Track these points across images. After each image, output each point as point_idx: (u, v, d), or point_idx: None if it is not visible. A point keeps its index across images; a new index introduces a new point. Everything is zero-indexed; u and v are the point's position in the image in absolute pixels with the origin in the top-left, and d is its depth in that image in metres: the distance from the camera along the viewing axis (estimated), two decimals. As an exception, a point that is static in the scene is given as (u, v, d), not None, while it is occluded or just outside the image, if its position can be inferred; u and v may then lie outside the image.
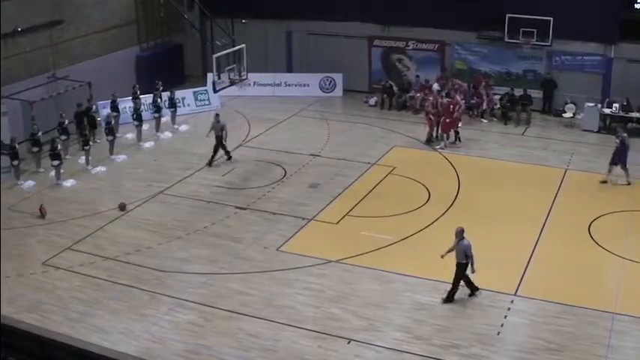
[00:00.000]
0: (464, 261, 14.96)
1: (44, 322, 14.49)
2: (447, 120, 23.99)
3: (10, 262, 16.70)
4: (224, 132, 22.67)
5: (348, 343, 13.85)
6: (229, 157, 22.97)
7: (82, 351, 12.79)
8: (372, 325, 14.39)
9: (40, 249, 17.64)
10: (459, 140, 24.12)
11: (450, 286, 15.16)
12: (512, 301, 15.10)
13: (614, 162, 20.70)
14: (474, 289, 15.36)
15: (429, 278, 15.90)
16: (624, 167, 20.75)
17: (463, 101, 25.36)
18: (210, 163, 22.61)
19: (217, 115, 23.25)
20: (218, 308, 15.04)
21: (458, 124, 24.17)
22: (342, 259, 16.82)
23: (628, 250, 16.98)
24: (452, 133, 24.20)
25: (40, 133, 22.35)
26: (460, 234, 14.98)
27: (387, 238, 17.64)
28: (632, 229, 18.10)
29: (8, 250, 17.26)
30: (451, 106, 23.91)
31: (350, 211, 19.44)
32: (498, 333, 14.11)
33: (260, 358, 13.49)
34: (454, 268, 16.14)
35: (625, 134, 21.14)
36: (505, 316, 14.61)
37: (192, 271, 16.57)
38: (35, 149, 22.25)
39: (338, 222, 18.88)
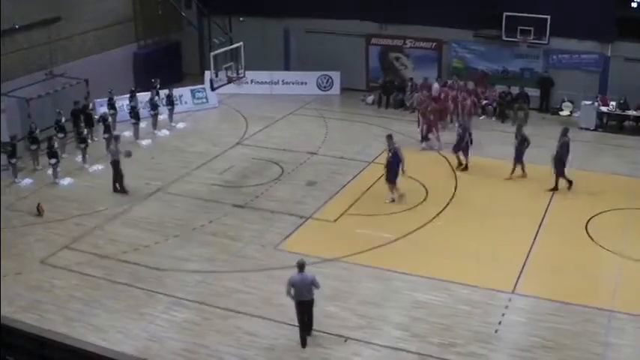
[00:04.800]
0: (309, 298, 13.30)
1: (42, 321, 14.47)
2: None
3: (8, 261, 16.65)
4: (121, 155, 20.35)
5: (345, 341, 13.85)
6: (120, 190, 20.61)
7: (80, 350, 12.81)
8: (370, 324, 14.39)
9: (38, 247, 17.61)
10: (471, 142, 22.03)
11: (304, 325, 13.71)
12: (509, 299, 15.11)
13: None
14: (304, 339, 13.62)
15: (427, 276, 15.91)
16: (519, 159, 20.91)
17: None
18: (123, 190, 20.57)
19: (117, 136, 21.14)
20: (216, 307, 15.03)
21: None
22: (340, 257, 16.82)
23: (625, 247, 17.01)
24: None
25: (37, 131, 22.33)
26: (301, 267, 13.23)
27: (385, 236, 17.64)
28: (629, 227, 18.13)
29: (6, 248, 17.22)
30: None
31: (348, 209, 19.44)
32: (496, 331, 14.13)
33: (258, 356, 13.49)
34: (453, 266, 16.20)
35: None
36: (503, 314, 14.63)
37: (190, 269, 16.56)
38: (33, 147, 22.22)
39: (336, 220, 18.88)
